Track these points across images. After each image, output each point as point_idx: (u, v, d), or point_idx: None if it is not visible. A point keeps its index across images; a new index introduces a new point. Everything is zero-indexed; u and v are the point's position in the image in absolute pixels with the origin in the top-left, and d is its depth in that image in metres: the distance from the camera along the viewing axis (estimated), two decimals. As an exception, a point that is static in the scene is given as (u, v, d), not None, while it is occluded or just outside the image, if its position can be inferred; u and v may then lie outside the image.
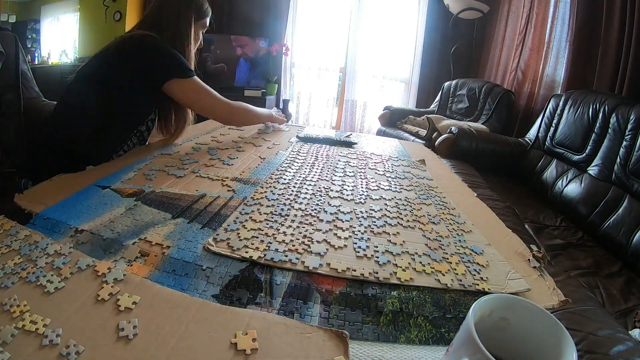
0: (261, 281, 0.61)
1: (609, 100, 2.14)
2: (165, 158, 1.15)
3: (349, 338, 0.49)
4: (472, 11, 3.93)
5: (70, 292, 0.54)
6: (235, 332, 0.49)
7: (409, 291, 0.63)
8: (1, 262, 0.58)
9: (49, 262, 0.59)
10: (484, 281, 0.67)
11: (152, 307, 0.52)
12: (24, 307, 0.50)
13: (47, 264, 0.59)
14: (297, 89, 4.89)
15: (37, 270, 0.57)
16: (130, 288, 0.55)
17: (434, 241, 0.79)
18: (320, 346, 0.48)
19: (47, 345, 0.45)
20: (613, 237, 1.76)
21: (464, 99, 3.70)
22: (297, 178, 1.07)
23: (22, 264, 0.58)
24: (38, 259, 0.59)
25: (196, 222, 0.77)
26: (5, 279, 0.54)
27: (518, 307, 0.44)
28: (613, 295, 1.43)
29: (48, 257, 0.60)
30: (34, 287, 0.54)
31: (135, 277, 0.58)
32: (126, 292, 0.54)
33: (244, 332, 0.49)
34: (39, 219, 0.73)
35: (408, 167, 1.32)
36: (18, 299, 0.51)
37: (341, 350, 0.48)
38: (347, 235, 0.77)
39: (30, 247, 0.62)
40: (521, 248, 0.85)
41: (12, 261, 0.58)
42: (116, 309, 0.51)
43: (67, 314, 0.50)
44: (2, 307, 0.49)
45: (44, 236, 0.66)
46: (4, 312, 0.49)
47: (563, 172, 2.28)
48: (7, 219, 0.71)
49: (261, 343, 0.48)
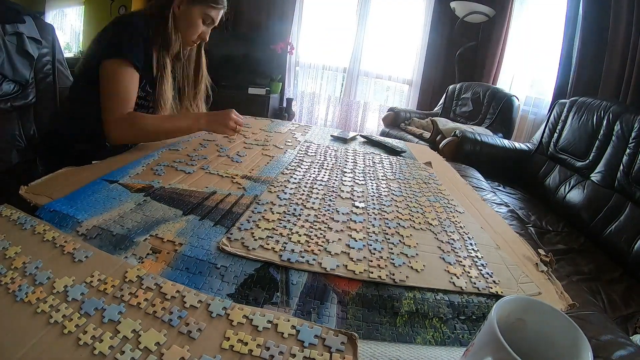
0: (277, 281, 0.61)
1: (614, 107, 2.16)
2: (173, 153, 1.14)
3: (358, 340, 0.50)
4: (478, 15, 3.94)
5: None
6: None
7: (424, 292, 0.64)
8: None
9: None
10: (496, 284, 0.69)
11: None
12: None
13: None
14: (301, 87, 4.90)
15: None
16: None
17: (446, 244, 0.80)
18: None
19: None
20: (615, 243, 1.78)
21: (468, 103, 3.72)
22: (307, 178, 1.08)
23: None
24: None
25: (208, 220, 0.77)
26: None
27: (535, 309, 0.45)
28: (614, 300, 1.45)
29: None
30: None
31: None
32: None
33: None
34: (45, 211, 0.71)
35: (416, 169, 1.33)
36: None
37: (350, 352, 0.49)
38: (361, 237, 0.78)
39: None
40: (529, 252, 0.86)
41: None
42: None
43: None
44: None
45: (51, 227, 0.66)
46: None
47: (566, 178, 2.29)
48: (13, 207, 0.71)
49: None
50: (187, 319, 0.50)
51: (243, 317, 0.52)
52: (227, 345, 0.47)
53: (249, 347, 0.47)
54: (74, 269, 0.57)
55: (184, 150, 1.18)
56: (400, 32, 4.64)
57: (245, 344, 0.48)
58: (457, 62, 4.27)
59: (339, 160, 1.29)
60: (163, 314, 0.51)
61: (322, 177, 1.10)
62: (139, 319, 0.49)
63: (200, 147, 1.24)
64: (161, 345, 0.46)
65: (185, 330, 0.48)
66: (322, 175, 1.11)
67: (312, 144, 1.48)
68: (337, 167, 1.21)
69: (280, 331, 0.50)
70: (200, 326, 0.49)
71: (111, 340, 0.45)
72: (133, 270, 0.58)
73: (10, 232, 0.64)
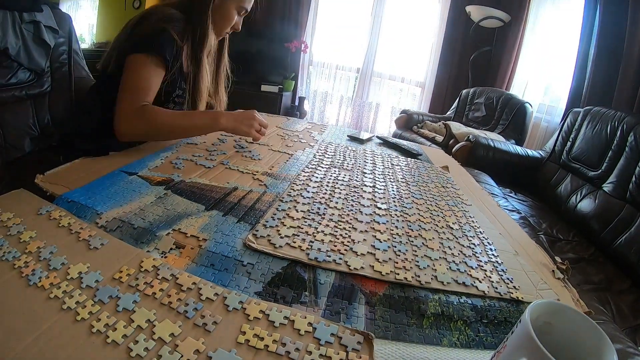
0: (305, 280, 0.62)
1: (628, 118, 2.16)
2: (192, 147, 1.14)
3: (374, 340, 0.51)
4: (493, 20, 3.94)
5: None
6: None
7: (448, 295, 0.65)
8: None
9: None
10: (517, 290, 0.70)
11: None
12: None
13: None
14: (314, 86, 4.92)
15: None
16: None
17: (467, 248, 0.82)
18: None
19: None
20: (624, 254, 1.79)
21: (481, 108, 3.73)
22: (328, 177, 1.09)
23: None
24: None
25: (231, 216, 0.77)
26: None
27: (562, 313, 0.47)
28: (623, 311, 1.46)
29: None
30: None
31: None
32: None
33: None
34: (62, 201, 0.71)
35: (434, 172, 1.35)
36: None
37: (367, 352, 0.49)
38: (386, 238, 0.79)
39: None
40: (545, 259, 0.87)
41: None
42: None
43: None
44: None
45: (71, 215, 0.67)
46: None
47: (578, 187, 2.30)
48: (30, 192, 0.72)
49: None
50: (202, 311, 0.50)
51: (260, 312, 0.52)
52: (242, 339, 0.47)
53: (265, 342, 0.47)
54: (89, 256, 0.58)
55: (202, 145, 1.18)
56: (415, 35, 4.65)
57: (261, 339, 0.48)
58: (470, 67, 4.28)
59: (358, 161, 1.31)
60: (179, 305, 0.51)
61: (342, 177, 1.12)
62: (153, 309, 0.50)
63: (218, 142, 1.24)
64: (176, 337, 0.46)
65: (201, 323, 0.49)
66: (343, 176, 1.13)
67: (331, 144, 1.49)
68: (356, 168, 1.23)
69: (297, 328, 0.51)
70: (216, 319, 0.49)
71: (125, 329, 0.46)
72: (149, 259, 0.58)
73: (27, 216, 0.64)
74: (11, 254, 0.55)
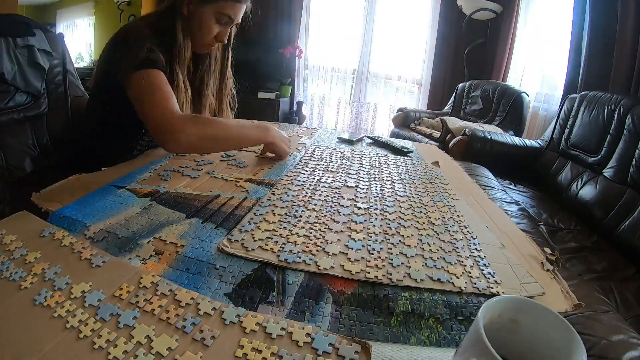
0: (274, 280, 0.62)
1: (624, 101, 2.12)
2: (180, 159, 1.16)
3: (372, 349, 0.50)
4: (485, 12, 3.92)
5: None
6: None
7: (421, 292, 0.64)
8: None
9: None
10: (499, 284, 0.68)
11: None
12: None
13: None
14: (311, 90, 4.93)
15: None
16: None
17: (448, 244, 0.80)
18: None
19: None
20: (628, 240, 1.75)
21: (477, 101, 3.70)
22: (311, 180, 1.08)
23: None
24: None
25: (210, 222, 0.79)
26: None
27: (528, 309, 0.45)
28: (627, 299, 1.42)
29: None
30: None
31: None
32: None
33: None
34: (55, 217, 0.75)
35: (423, 169, 1.33)
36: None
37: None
38: (361, 237, 0.78)
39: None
40: (535, 250, 0.85)
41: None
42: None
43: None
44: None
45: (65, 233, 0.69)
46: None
47: (578, 175, 2.26)
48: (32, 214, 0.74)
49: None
50: (200, 325, 0.51)
51: (256, 325, 0.52)
52: (240, 353, 0.47)
53: (262, 355, 0.47)
54: (91, 274, 0.59)
55: (190, 156, 1.20)
56: (408, 32, 4.64)
57: (259, 352, 0.48)
58: (466, 60, 4.25)
59: (344, 162, 1.29)
60: (177, 320, 0.52)
61: (325, 179, 1.11)
62: (152, 324, 0.50)
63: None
64: (174, 351, 0.47)
65: (199, 337, 0.49)
66: (326, 178, 1.12)
67: (319, 147, 1.48)
68: (341, 169, 1.22)
69: (295, 339, 0.50)
70: (214, 333, 0.50)
71: (125, 345, 0.47)
72: (148, 276, 0.59)
73: (30, 239, 0.66)
74: (17, 274, 0.57)
